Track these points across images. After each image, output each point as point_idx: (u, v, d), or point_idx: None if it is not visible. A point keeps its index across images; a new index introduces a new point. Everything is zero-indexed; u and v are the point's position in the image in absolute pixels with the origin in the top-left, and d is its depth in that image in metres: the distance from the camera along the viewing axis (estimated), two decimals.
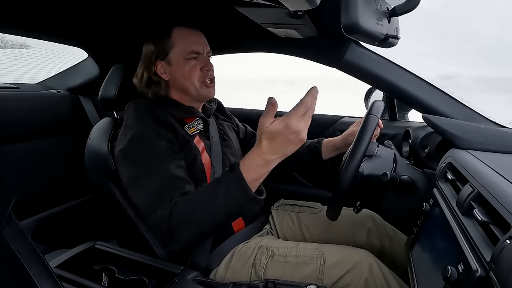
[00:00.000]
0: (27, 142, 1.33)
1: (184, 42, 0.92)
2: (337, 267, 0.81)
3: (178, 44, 0.92)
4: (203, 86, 0.94)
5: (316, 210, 1.10)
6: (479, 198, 0.51)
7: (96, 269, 0.84)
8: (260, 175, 0.72)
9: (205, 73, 0.94)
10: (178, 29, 0.93)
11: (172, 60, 0.92)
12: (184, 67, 0.92)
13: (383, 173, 0.80)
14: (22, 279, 0.41)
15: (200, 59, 0.93)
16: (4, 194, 0.39)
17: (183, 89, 0.94)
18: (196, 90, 0.93)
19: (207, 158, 0.93)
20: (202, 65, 0.93)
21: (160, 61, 0.93)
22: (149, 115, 0.84)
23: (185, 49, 0.92)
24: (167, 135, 0.84)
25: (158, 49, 0.92)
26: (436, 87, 0.99)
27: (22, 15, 1.04)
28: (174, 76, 0.94)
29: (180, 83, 0.94)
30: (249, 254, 0.88)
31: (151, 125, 0.83)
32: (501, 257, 0.37)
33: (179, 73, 0.93)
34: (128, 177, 0.83)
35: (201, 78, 0.93)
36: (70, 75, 1.56)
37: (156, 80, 0.94)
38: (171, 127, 0.86)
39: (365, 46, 1.02)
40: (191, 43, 0.92)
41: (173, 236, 0.74)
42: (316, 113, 1.49)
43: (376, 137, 1.02)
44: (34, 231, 1.30)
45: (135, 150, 0.82)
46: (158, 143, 0.82)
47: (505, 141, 0.75)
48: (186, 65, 0.92)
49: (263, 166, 0.71)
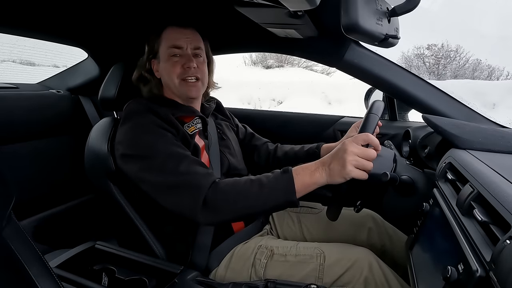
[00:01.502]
0: (27, 142, 1.33)
1: (168, 38, 0.93)
2: (336, 265, 0.81)
3: (164, 41, 0.94)
4: (183, 84, 0.93)
5: (316, 211, 1.10)
6: (479, 198, 0.51)
7: (96, 269, 0.84)
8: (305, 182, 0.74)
9: (185, 70, 0.92)
10: (168, 29, 0.94)
11: (160, 57, 0.95)
12: (167, 63, 0.93)
13: (383, 173, 0.80)
14: (22, 279, 0.41)
15: (183, 56, 0.93)
16: (4, 194, 0.39)
17: (168, 86, 0.96)
18: (175, 87, 0.93)
19: (206, 158, 0.94)
20: (183, 62, 0.92)
21: (153, 60, 0.96)
22: (151, 112, 0.85)
23: (167, 44, 0.93)
24: (170, 130, 0.85)
25: (150, 48, 0.95)
26: (436, 87, 0.99)
27: (22, 15, 1.04)
28: (161, 74, 0.96)
29: (165, 80, 0.95)
30: (249, 254, 0.88)
31: (154, 120, 0.84)
32: (501, 257, 0.37)
33: (164, 71, 0.94)
34: (138, 168, 0.80)
35: (181, 75, 0.92)
36: (70, 75, 1.56)
37: (149, 78, 0.97)
38: (172, 125, 0.86)
39: (365, 46, 1.02)
40: (174, 38, 0.93)
41: (208, 206, 0.73)
42: (316, 113, 1.51)
43: (376, 134, 1.02)
44: (34, 231, 1.30)
45: (142, 141, 0.81)
46: (164, 134, 0.82)
47: (505, 141, 0.75)
48: (169, 61, 0.93)
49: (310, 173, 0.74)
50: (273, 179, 0.75)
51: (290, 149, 1.16)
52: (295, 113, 1.55)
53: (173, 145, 0.81)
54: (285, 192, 0.73)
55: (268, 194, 0.73)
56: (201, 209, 0.73)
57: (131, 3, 1.03)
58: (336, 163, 0.71)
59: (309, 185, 0.74)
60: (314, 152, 1.10)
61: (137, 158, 0.81)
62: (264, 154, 1.17)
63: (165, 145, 0.80)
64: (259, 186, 0.74)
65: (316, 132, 1.44)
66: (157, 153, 0.79)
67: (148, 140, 0.81)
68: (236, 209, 0.74)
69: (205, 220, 0.75)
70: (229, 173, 0.98)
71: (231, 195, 0.74)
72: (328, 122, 1.43)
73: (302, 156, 1.12)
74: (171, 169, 0.77)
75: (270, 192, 0.73)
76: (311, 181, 0.74)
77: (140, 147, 0.81)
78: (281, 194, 0.73)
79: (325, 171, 0.73)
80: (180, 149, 0.81)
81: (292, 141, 1.42)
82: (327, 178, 0.73)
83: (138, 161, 0.81)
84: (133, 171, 0.82)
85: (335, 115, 1.45)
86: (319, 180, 0.73)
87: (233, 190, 0.74)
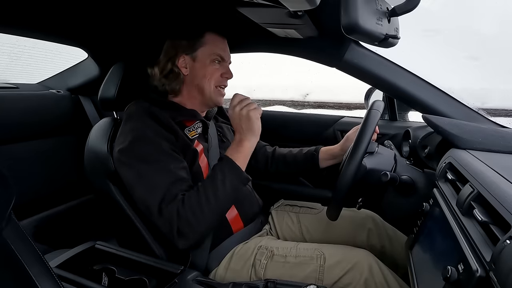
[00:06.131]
0: (27, 142, 1.33)
1: (214, 44, 0.95)
2: (337, 267, 0.81)
3: (209, 44, 0.94)
4: (216, 91, 0.96)
5: (316, 211, 1.10)
6: (479, 198, 0.51)
7: (96, 269, 0.84)
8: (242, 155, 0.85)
9: (223, 79, 0.97)
10: (211, 33, 0.96)
11: (198, 57, 0.94)
12: (208, 67, 0.94)
13: (383, 173, 0.80)
14: (22, 279, 0.41)
15: (223, 66, 0.97)
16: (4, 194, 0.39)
17: (199, 88, 0.95)
18: (210, 92, 0.95)
19: (205, 161, 0.94)
20: (223, 71, 0.96)
21: (185, 55, 0.94)
22: (151, 116, 0.85)
23: (213, 51, 0.94)
24: (168, 136, 0.85)
25: (188, 44, 0.94)
26: (436, 87, 0.99)
27: (22, 15, 1.04)
28: (194, 73, 0.95)
29: (198, 81, 0.95)
30: (249, 255, 0.88)
31: (153, 126, 0.84)
32: (501, 257, 0.37)
33: (200, 71, 0.94)
34: (130, 177, 0.83)
35: (218, 82, 0.96)
36: (70, 75, 1.56)
37: (177, 72, 0.95)
38: (172, 130, 0.86)
39: (365, 46, 1.02)
40: (220, 48, 0.96)
41: (182, 232, 0.77)
42: (316, 113, 1.51)
43: (375, 134, 1.02)
44: (34, 231, 1.30)
45: (137, 150, 0.82)
46: (161, 143, 0.83)
47: (505, 141, 0.75)
48: (210, 65, 0.94)
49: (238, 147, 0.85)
50: (218, 171, 0.82)
51: (288, 152, 1.16)
52: (295, 113, 1.55)
53: (163, 157, 0.82)
54: (234, 172, 0.83)
55: (222, 185, 0.80)
56: (177, 237, 0.78)
57: (131, 3, 1.03)
58: (243, 122, 0.84)
59: (246, 155, 0.85)
60: (313, 155, 1.10)
61: (128, 166, 0.83)
62: (262, 158, 1.17)
63: (156, 157, 0.82)
64: (212, 185, 0.80)
65: (316, 132, 1.44)
66: (146, 170, 0.81)
67: (140, 151, 0.82)
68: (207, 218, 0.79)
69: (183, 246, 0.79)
70: None
71: (196, 209, 0.78)
72: (328, 122, 1.43)
73: (301, 159, 1.12)
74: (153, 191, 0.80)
75: (222, 182, 0.80)
76: (244, 150, 0.85)
77: (132, 156, 0.83)
78: (233, 177, 0.82)
79: (246, 134, 0.85)
80: (169, 164, 0.82)
81: (292, 141, 1.42)
82: (252, 135, 0.85)
83: (128, 170, 0.84)
84: (124, 177, 0.85)
85: (335, 115, 1.45)
86: (249, 144, 0.85)
87: (195, 204, 0.78)
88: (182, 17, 1.08)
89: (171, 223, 0.77)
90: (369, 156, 0.84)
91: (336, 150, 1.08)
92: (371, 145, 0.82)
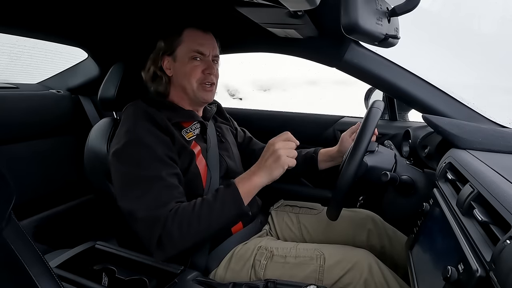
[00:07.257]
0: (27, 142, 1.33)
1: (191, 41, 0.93)
2: (336, 267, 0.81)
3: (186, 42, 0.93)
4: (200, 88, 0.94)
5: (316, 211, 1.10)
6: (479, 198, 0.51)
7: (96, 269, 0.84)
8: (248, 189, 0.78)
9: (205, 75, 0.93)
10: (190, 29, 0.94)
11: (177, 56, 0.93)
12: (187, 66, 0.92)
13: (383, 173, 0.80)
14: (22, 279, 0.41)
15: (204, 61, 0.94)
16: (4, 194, 0.39)
17: (182, 88, 0.94)
18: (193, 91, 0.94)
19: (202, 162, 0.93)
20: (204, 67, 0.93)
21: (167, 56, 0.94)
22: (147, 118, 0.83)
23: (190, 48, 0.92)
24: (164, 139, 0.83)
25: (166, 45, 0.94)
26: (436, 87, 0.99)
27: (22, 15, 1.04)
28: (176, 73, 0.94)
29: (180, 81, 0.94)
30: (249, 255, 0.88)
31: (149, 129, 0.82)
32: (501, 257, 0.37)
33: (181, 71, 0.93)
34: (119, 179, 0.81)
35: (200, 79, 0.93)
36: (70, 75, 1.56)
37: (160, 75, 0.95)
38: (168, 132, 0.85)
39: (365, 46, 1.02)
40: (197, 43, 0.93)
41: (162, 242, 0.73)
42: (316, 113, 1.51)
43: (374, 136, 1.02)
44: (34, 231, 1.30)
45: (130, 153, 0.80)
46: (155, 148, 0.80)
47: (505, 141, 0.75)
48: (189, 64, 0.92)
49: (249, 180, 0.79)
50: (220, 196, 0.77)
51: None
52: (295, 113, 1.54)
53: (156, 162, 0.79)
54: (235, 203, 0.77)
55: (219, 212, 0.76)
56: (155, 246, 0.74)
57: (131, 3, 1.03)
58: (271, 159, 0.77)
59: (252, 190, 0.79)
60: (312, 157, 1.10)
61: (119, 168, 0.81)
62: None
63: (148, 162, 0.79)
64: (208, 207, 0.76)
65: (316, 132, 1.44)
66: (136, 174, 0.78)
67: (133, 154, 0.80)
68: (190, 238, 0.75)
69: (159, 257, 0.75)
70: (227, 176, 0.98)
71: (184, 225, 0.74)
72: (328, 122, 1.43)
73: (300, 161, 1.11)
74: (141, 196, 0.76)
75: (221, 209, 0.76)
76: (252, 185, 0.78)
77: (125, 159, 0.80)
78: (232, 207, 0.77)
79: (263, 171, 0.78)
80: (160, 170, 0.79)
81: None
82: (267, 176, 0.78)
83: (118, 172, 0.81)
84: (113, 178, 0.83)
85: (335, 115, 1.45)
86: (260, 182, 0.78)
87: (185, 220, 0.74)
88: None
89: (153, 231, 0.73)
90: (369, 154, 0.84)
91: (334, 152, 1.08)
92: (371, 145, 0.82)
